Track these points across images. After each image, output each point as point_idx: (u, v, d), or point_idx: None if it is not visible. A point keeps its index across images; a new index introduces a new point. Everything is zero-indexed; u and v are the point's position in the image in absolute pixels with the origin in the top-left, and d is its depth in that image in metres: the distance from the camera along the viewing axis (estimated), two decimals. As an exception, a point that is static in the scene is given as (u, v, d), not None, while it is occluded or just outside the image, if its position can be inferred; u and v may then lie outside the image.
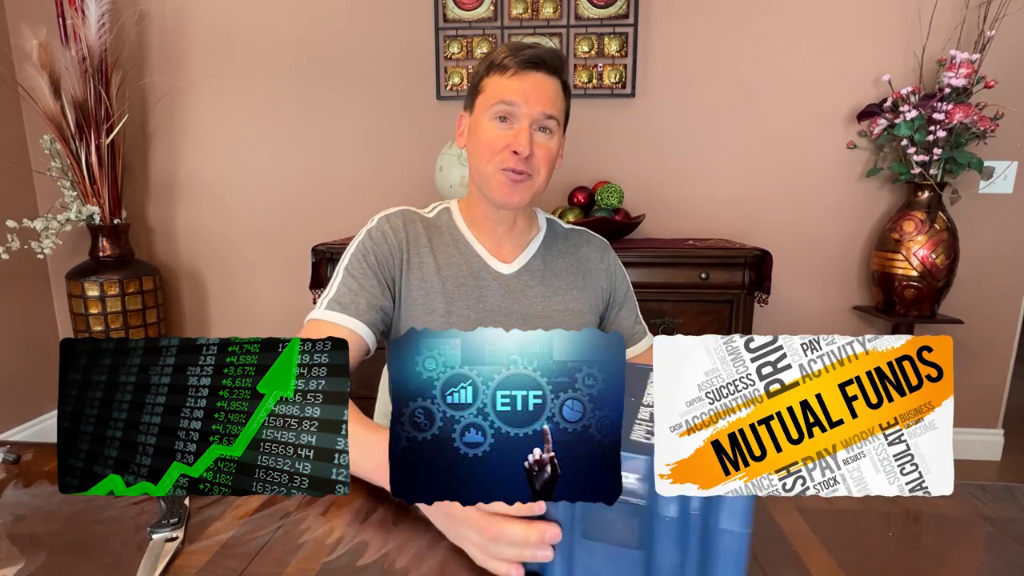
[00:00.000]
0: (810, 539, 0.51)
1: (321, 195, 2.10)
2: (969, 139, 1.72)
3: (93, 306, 1.90)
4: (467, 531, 0.47)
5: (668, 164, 2.01)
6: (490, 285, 0.88)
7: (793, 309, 2.02)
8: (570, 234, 0.98)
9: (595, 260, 0.96)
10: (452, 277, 0.87)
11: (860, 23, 1.86)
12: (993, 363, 2.01)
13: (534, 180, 0.83)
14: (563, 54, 0.88)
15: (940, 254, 1.74)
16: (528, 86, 0.81)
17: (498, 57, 0.82)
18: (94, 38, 1.82)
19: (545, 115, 0.81)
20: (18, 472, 0.65)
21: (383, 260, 0.85)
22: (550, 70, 0.82)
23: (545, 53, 0.82)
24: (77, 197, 1.93)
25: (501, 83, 0.82)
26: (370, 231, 0.87)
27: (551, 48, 0.84)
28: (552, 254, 0.93)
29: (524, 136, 0.80)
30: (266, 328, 2.22)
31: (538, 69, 0.81)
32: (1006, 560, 0.48)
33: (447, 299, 0.85)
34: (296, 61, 2.03)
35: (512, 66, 0.81)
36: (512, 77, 0.81)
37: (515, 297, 0.88)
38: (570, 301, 0.90)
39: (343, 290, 0.82)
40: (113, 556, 0.49)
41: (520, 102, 0.80)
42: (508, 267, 0.90)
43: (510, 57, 0.81)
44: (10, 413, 2.10)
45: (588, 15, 1.91)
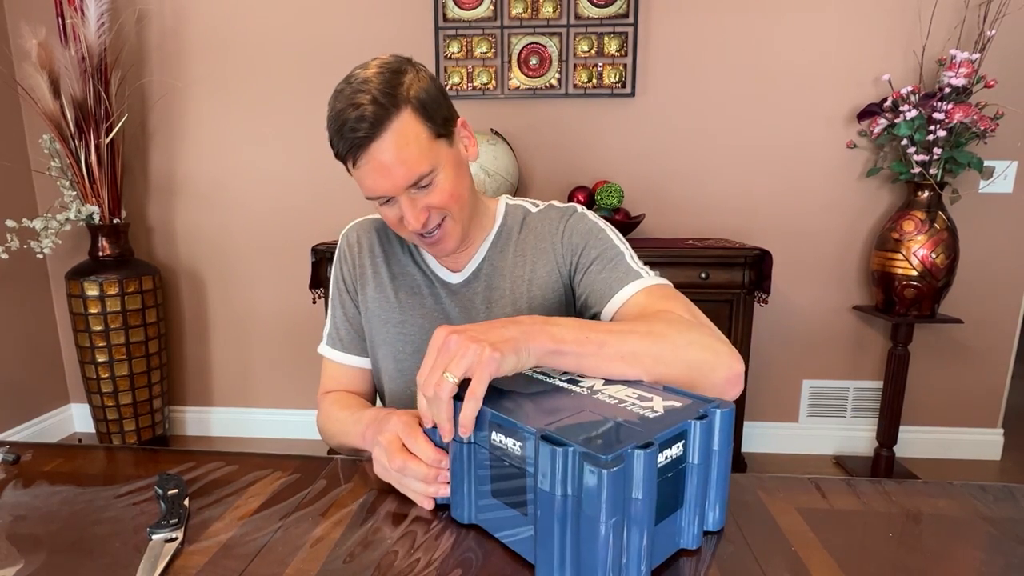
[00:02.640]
0: (810, 539, 0.51)
1: (321, 194, 2.10)
2: (969, 139, 1.72)
3: (93, 306, 1.90)
4: (381, 454, 0.58)
5: (668, 164, 2.00)
6: (440, 294, 0.85)
7: (793, 309, 2.02)
8: (532, 220, 0.85)
9: (546, 239, 0.82)
10: (405, 286, 0.85)
11: (860, 23, 1.86)
12: (993, 363, 2.01)
13: (452, 222, 0.76)
14: (391, 77, 0.68)
15: (940, 254, 1.74)
16: (374, 172, 0.69)
17: (334, 141, 0.70)
18: (93, 38, 1.82)
19: (410, 183, 0.70)
20: (18, 472, 0.65)
21: (350, 282, 0.88)
22: (382, 126, 0.66)
23: (369, 111, 0.66)
24: (77, 197, 1.93)
25: (354, 173, 0.71)
26: (337, 253, 0.89)
27: (372, 95, 0.66)
28: (503, 252, 0.84)
29: (409, 214, 0.71)
30: (266, 327, 2.22)
31: (371, 141, 0.67)
32: (1006, 560, 0.48)
33: (400, 309, 0.84)
34: (296, 61, 2.03)
35: (347, 156, 0.69)
36: (357, 169, 0.70)
37: (464, 306, 0.84)
38: (516, 301, 0.82)
39: (334, 324, 0.89)
40: (113, 556, 0.49)
41: (382, 191, 0.70)
42: (457, 275, 0.85)
43: (340, 145, 0.69)
44: (10, 413, 2.10)
45: (588, 15, 1.91)
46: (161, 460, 0.68)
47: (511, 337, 0.51)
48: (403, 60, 0.72)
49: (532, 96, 1.98)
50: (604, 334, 0.57)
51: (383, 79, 0.68)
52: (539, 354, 0.53)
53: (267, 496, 0.59)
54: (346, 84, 0.69)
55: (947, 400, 2.05)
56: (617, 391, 0.53)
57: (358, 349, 0.88)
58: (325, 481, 0.62)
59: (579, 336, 0.55)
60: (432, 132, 0.70)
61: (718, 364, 0.59)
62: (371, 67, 0.70)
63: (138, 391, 2.02)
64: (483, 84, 1.98)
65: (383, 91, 0.67)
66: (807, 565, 0.47)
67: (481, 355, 0.48)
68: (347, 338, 0.88)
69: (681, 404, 0.50)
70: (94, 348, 1.94)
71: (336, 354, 0.88)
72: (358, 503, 0.57)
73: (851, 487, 0.60)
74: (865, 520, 0.54)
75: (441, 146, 0.72)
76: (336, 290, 0.89)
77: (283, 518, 0.55)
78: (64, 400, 2.33)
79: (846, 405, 2.09)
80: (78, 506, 0.57)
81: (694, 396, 0.51)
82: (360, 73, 0.69)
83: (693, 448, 0.46)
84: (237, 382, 2.29)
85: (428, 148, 0.70)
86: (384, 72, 0.69)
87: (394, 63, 0.71)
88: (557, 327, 0.55)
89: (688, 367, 0.58)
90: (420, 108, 0.69)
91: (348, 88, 0.68)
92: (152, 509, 0.56)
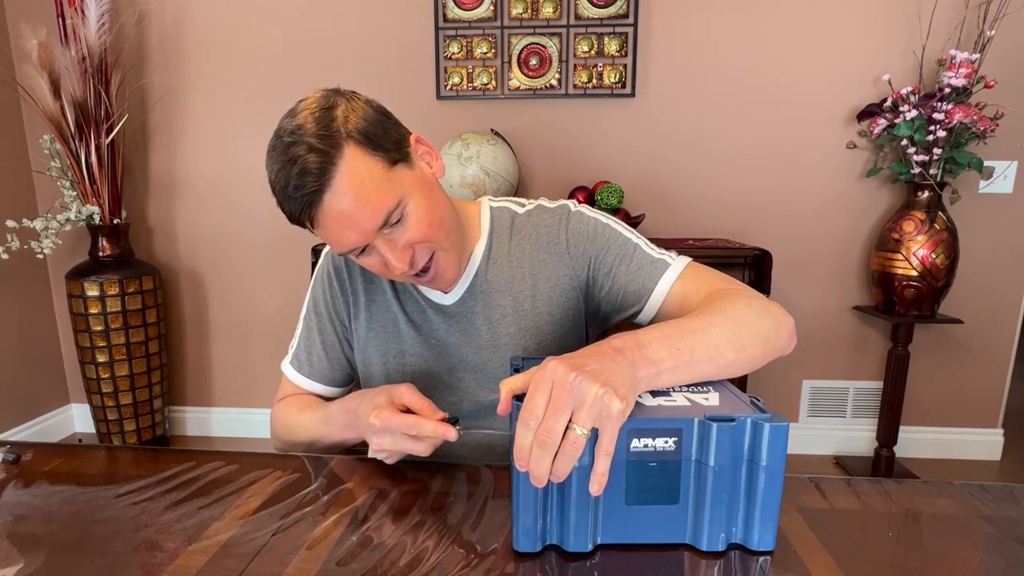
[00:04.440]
0: (810, 539, 0.51)
1: (321, 195, 2.09)
2: (969, 139, 1.72)
3: (93, 306, 1.90)
4: (382, 438, 0.60)
5: (668, 164, 2.01)
6: (434, 319, 0.78)
7: (793, 309, 1.99)
8: (521, 223, 0.79)
9: (547, 248, 0.76)
10: (400, 315, 0.78)
11: (860, 23, 1.86)
12: (993, 363, 2.01)
13: (443, 253, 0.69)
14: (321, 116, 0.61)
15: (940, 254, 1.74)
16: (336, 225, 0.62)
17: (284, 209, 0.63)
18: (94, 38, 1.82)
19: (379, 225, 0.62)
20: (18, 472, 0.65)
21: (332, 308, 0.81)
22: (328, 173, 0.59)
23: (309, 162, 0.59)
24: (77, 197, 1.93)
25: (317, 232, 0.64)
26: (318, 272, 0.82)
27: (307, 143, 0.59)
28: (496, 264, 0.77)
29: (392, 257, 0.64)
30: (266, 327, 2.22)
31: (322, 193, 0.59)
32: (1006, 560, 0.48)
33: (399, 339, 0.79)
34: (296, 61, 2.03)
35: (301, 218, 0.62)
36: (318, 228, 0.63)
37: (461, 328, 0.77)
38: (521, 319, 0.76)
39: (301, 345, 0.83)
40: (113, 556, 0.49)
41: (352, 243, 0.63)
42: (449, 296, 0.77)
43: (290, 208, 0.62)
44: (10, 413, 2.10)
45: (588, 15, 1.91)
46: (161, 460, 0.68)
47: (628, 379, 0.47)
48: (330, 93, 0.64)
49: (532, 96, 1.98)
50: (689, 338, 0.54)
51: (314, 121, 0.60)
52: (644, 386, 0.51)
53: (267, 496, 0.59)
54: (277, 140, 0.62)
55: (947, 400, 2.05)
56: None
57: (325, 378, 0.83)
58: (325, 481, 0.62)
59: (671, 349, 0.52)
60: (386, 161, 0.62)
61: (780, 325, 0.61)
62: (298, 114, 0.62)
63: (138, 391, 2.02)
64: (483, 84, 1.98)
65: (318, 135, 0.59)
66: (807, 565, 0.47)
67: (611, 408, 0.43)
68: (317, 365, 0.82)
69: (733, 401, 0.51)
70: (94, 348, 1.94)
71: (299, 377, 0.83)
72: (358, 503, 0.57)
73: (851, 487, 0.60)
74: (865, 520, 0.54)
75: (401, 173, 0.64)
76: (315, 313, 0.82)
77: (283, 518, 0.55)
78: (64, 400, 2.33)
79: (846, 405, 2.09)
80: (78, 506, 0.57)
81: (751, 398, 0.52)
82: (288, 124, 0.62)
83: (710, 450, 0.47)
84: (237, 382, 2.29)
85: (386, 180, 0.62)
86: (314, 113, 0.61)
87: (321, 99, 0.63)
88: (650, 347, 0.51)
89: (763, 341, 0.58)
90: (364, 139, 0.61)
91: (280, 144, 0.61)
92: (153, 509, 0.56)
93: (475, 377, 0.78)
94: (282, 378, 0.85)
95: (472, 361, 0.78)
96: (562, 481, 0.45)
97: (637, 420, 0.47)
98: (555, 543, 0.49)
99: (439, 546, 0.50)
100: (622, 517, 0.48)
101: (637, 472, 0.47)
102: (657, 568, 0.47)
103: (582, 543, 0.48)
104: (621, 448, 0.47)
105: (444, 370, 0.78)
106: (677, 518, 0.48)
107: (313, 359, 0.82)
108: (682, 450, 0.47)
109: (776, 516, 0.48)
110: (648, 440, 0.47)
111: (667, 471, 0.47)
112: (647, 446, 0.47)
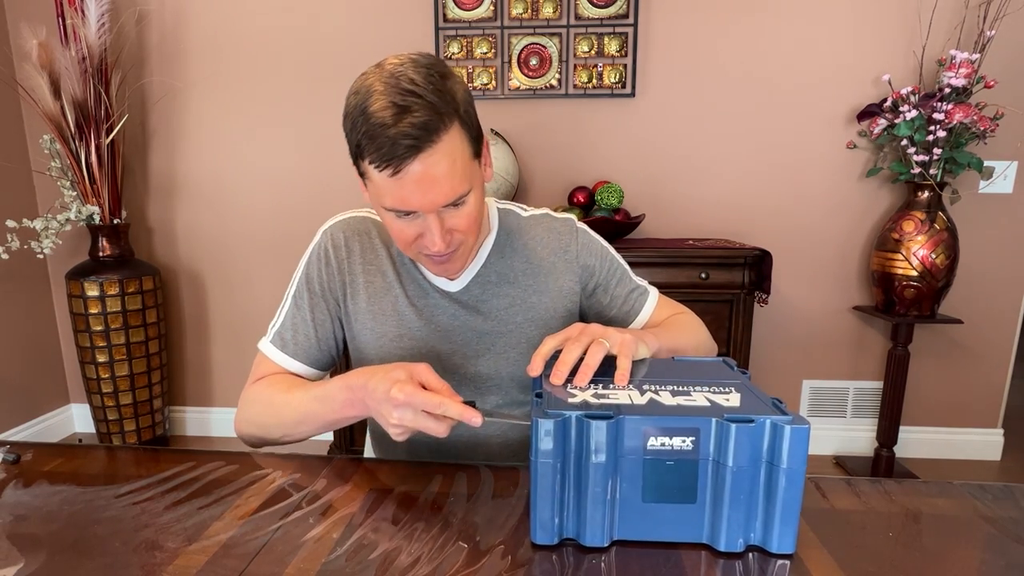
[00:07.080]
0: (810, 539, 0.51)
1: (321, 195, 2.09)
2: (969, 139, 1.72)
3: (93, 306, 1.90)
4: (404, 412, 0.58)
5: (668, 164, 2.00)
6: (439, 303, 0.79)
7: (793, 309, 2.02)
8: (528, 226, 0.83)
9: (557, 252, 0.82)
10: (401, 296, 0.78)
11: (860, 23, 1.86)
12: (993, 363, 2.01)
13: (466, 247, 0.72)
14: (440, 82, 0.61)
15: (940, 254, 1.74)
16: (413, 184, 0.61)
17: (365, 142, 0.61)
18: (94, 38, 1.82)
19: (449, 202, 0.64)
20: (18, 472, 0.65)
21: (327, 286, 0.80)
22: (436, 136, 0.60)
23: (421, 118, 0.58)
24: (77, 197, 1.93)
25: (383, 181, 0.62)
26: (315, 249, 0.81)
27: (426, 100, 0.59)
28: (505, 258, 0.81)
29: (437, 234, 0.65)
30: (265, 327, 2.21)
31: (420, 152, 0.59)
32: (1006, 560, 0.48)
33: (398, 322, 0.78)
34: (296, 61, 2.03)
35: (386, 164, 0.60)
36: (392, 179, 0.61)
37: (468, 314, 0.79)
38: (528, 310, 0.80)
39: (287, 323, 0.80)
40: (113, 556, 0.49)
41: (414, 205, 0.63)
42: (456, 283, 0.79)
43: (379, 151, 0.60)
44: (10, 413, 2.10)
45: (588, 15, 1.91)
46: (161, 460, 0.68)
47: (631, 335, 0.63)
48: (441, 61, 0.64)
49: (532, 96, 1.98)
50: (673, 342, 0.74)
51: (432, 82, 0.60)
52: (645, 348, 0.66)
53: (267, 496, 0.59)
54: (390, 78, 0.59)
55: (947, 400, 2.05)
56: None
57: (309, 358, 0.80)
58: (325, 481, 0.62)
59: (661, 347, 0.70)
60: (472, 150, 0.65)
61: (712, 342, 0.86)
62: (406, 62, 0.60)
63: (138, 391, 2.02)
64: (483, 84, 1.98)
65: (436, 98, 0.59)
66: (807, 565, 0.47)
67: (624, 337, 0.61)
68: (302, 344, 0.79)
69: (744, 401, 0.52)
70: (94, 348, 1.94)
71: (280, 356, 0.79)
72: (358, 503, 0.57)
73: (851, 487, 0.60)
74: (865, 520, 0.54)
75: (475, 166, 0.67)
76: (307, 290, 0.80)
77: (283, 518, 0.55)
78: (64, 400, 2.33)
79: (846, 405, 2.09)
80: (78, 506, 0.57)
81: (771, 400, 0.52)
82: (396, 66, 0.60)
83: (728, 450, 0.47)
84: (237, 382, 2.29)
85: (468, 166, 0.64)
86: (431, 74, 0.60)
87: (437, 64, 0.62)
88: (650, 336, 0.69)
89: (709, 348, 0.83)
90: (466, 121, 0.63)
91: (394, 84, 0.59)
92: (153, 509, 0.56)
93: (475, 362, 0.79)
94: (258, 357, 0.80)
95: (474, 346, 0.79)
96: (579, 476, 0.48)
97: (654, 419, 0.47)
98: (572, 537, 0.49)
99: (439, 546, 0.50)
100: (639, 514, 0.48)
101: (654, 470, 0.47)
102: (672, 566, 0.47)
103: (598, 538, 0.48)
104: (638, 446, 0.47)
105: (444, 353, 0.79)
106: (694, 517, 0.48)
107: (299, 337, 0.79)
108: (699, 450, 0.47)
109: (796, 519, 0.47)
110: (665, 439, 0.47)
111: (684, 470, 0.47)
112: (664, 445, 0.47)
